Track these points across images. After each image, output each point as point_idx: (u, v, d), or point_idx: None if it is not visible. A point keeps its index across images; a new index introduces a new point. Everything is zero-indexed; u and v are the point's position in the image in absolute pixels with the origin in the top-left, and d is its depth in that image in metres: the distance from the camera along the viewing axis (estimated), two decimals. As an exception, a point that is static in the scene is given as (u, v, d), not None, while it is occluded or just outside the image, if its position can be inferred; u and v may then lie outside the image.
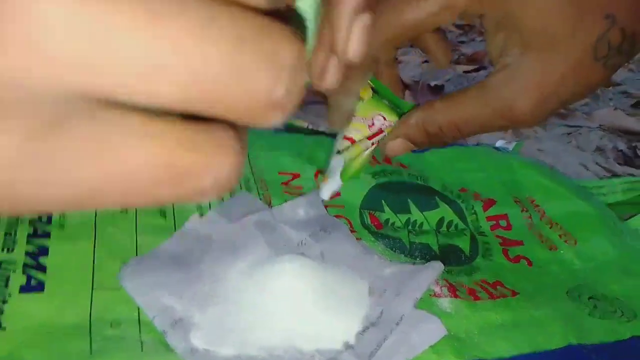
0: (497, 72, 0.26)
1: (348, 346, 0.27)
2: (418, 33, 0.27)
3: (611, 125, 0.74)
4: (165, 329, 0.26)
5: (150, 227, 0.32)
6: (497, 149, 0.55)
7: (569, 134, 0.73)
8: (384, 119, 0.31)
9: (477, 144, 0.55)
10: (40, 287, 0.26)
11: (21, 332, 0.25)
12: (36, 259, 0.27)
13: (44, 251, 0.28)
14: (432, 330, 0.28)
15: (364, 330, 0.28)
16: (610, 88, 0.88)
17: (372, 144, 0.31)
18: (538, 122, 0.27)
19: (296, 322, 0.28)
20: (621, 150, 0.69)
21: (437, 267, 0.32)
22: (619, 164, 0.65)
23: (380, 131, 0.31)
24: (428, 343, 0.28)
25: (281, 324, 0.28)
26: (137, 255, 0.30)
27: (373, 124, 0.31)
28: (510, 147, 0.58)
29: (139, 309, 0.27)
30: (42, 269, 0.27)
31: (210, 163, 0.11)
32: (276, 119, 0.11)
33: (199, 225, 0.33)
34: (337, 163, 0.34)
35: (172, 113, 0.10)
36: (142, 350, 0.25)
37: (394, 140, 0.29)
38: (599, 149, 0.69)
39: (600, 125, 0.74)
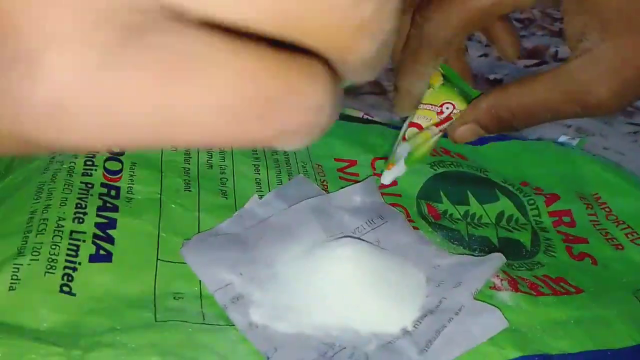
0: (576, 57, 0.25)
1: (405, 332, 0.27)
2: (496, 16, 0.27)
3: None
4: (225, 304, 0.26)
5: (211, 206, 0.32)
6: (559, 144, 0.53)
7: (635, 132, 0.69)
8: (454, 107, 0.30)
9: (539, 139, 0.53)
10: (108, 257, 0.27)
11: (90, 300, 0.25)
12: (104, 231, 0.28)
13: (112, 224, 0.29)
14: (492, 322, 0.28)
15: (422, 317, 0.28)
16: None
17: (440, 131, 0.31)
18: (615, 110, 0.26)
19: (352, 306, 0.28)
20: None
21: (498, 258, 0.31)
22: (690, 164, 0.61)
23: (449, 118, 0.30)
24: (488, 335, 0.27)
25: (337, 306, 0.27)
26: (199, 232, 0.30)
27: (442, 111, 0.30)
28: (574, 142, 0.56)
29: (200, 283, 0.28)
30: (110, 240, 0.28)
31: (300, 91, 0.10)
32: (366, 48, 0.10)
33: (257, 207, 0.33)
34: (403, 150, 0.34)
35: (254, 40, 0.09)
36: (203, 321, 0.26)
37: (463, 126, 0.29)
38: (669, 149, 0.65)
39: (670, 123, 0.70)
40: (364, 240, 0.33)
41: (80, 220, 0.28)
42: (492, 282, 0.32)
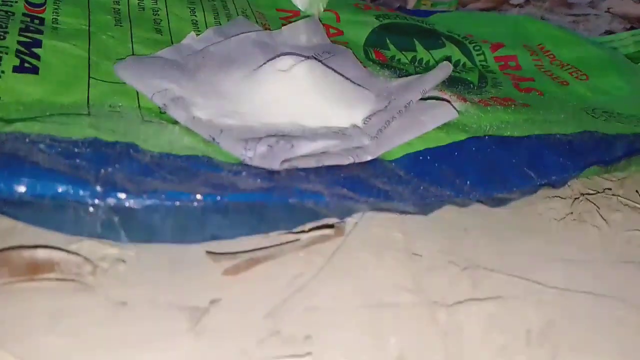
0: None
1: (355, 126, 0.26)
2: None
3: (619, 11, 0.72)
4: (165, 103, 0.25)
5: (145, 40, 0.31)
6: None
7: (574, 21, 0.71)
8: None
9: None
10: (34, 70, 0.25)
11: (17, 104, 0.24)
12: (29, 48, 0.26)
13: (37, 43, 0.27)
14: (442, 111, 0.27)
15: (371, 115, 0.27)
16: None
17: None
18: None
19: (301, 108, 0.27)
20: (632, 27, 0.66)
21: (446, 66, 0.31)
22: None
23: None
24: (438, 122, 0.27)
25: (285, 110, 0.26)
26: (133, 57, 0.29)
27: None
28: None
29: (138, 96, 0.26)
30: (36, 56, 0.26)
31: None
32: None
33: (195, 42, 0.32)
34: None
35: None
36: (142, 121, 0.24)
37: None
38: (608, 32, 0.67)
39: (608, 8, 0.72)
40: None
41: (1, 37, 0.26)
42: (441, 97, 0.31)
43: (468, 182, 0.23)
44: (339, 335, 0.18)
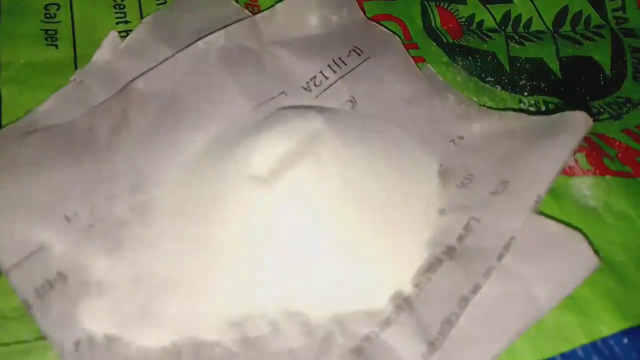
0: None
1: (399, 303, 0.14)
2: None
3: None
4: (27, 297, 0.13)
5: (28, 66, 0.17)
6: None
7: None
8: None
9: None
10: None
11: None
12: None
13: None
14: (569, 265, 0.14)
15: (431, 267, 0.14)
16: None
17: None
18: None
19: (296, 265, 0.14)
20: None
21: (579, 123, 0.16)
22: None
23: None
24: (559, 298, 0.14)
25: (263, 274, 0.14)
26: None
27: None
28: None
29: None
30: None
31: None
32: None
33: (116, 58, 0.17)
34: None
35: None
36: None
37: None
38: None
39: None
40: (325, 105, 0.18)
41: None
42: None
43: None
44: None
